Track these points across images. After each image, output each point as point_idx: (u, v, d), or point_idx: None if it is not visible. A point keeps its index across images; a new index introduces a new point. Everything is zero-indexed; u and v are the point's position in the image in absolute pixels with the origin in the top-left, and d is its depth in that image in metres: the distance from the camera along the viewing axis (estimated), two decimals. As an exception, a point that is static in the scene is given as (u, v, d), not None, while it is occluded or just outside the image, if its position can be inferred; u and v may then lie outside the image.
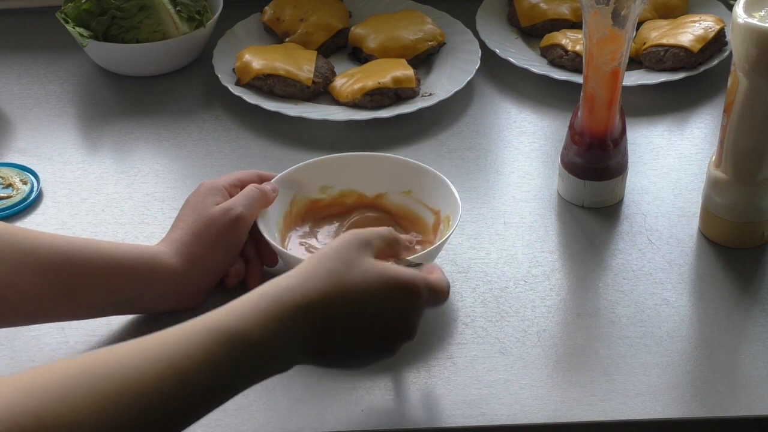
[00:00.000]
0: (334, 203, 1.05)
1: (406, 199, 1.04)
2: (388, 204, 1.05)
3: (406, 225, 1.04)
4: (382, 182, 1.05)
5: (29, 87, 1.30)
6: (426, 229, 1.03)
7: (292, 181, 1.03)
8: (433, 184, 1.03)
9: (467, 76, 1.27)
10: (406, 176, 1.04)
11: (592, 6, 0.99)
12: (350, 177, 1.05)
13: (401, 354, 0.84)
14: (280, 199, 1.01)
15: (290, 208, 1.03)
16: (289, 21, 1.34)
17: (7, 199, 1.11)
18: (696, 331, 0.97)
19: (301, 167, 1.04)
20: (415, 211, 1.04)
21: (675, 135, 1.21)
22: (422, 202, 1.04)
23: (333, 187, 1.05)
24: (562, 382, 0.92)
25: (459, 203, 1.00)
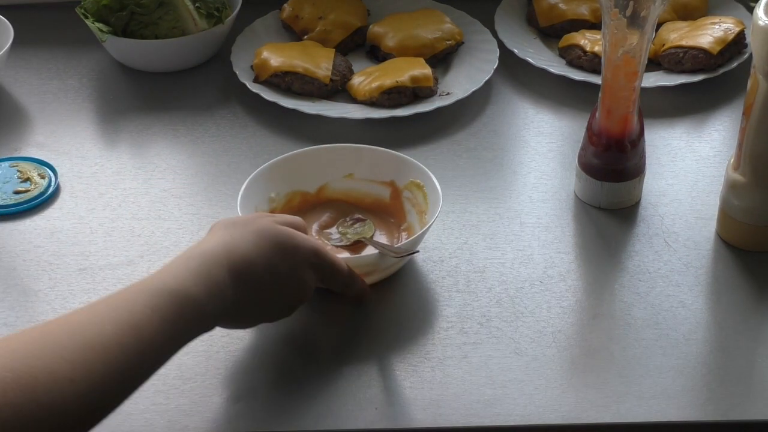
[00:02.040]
0: (284, 209, 1.05)
1: (350, 182, 1.06)
2: (333, 193, 1.06)
3: (364, 208, 1.06)
4: (320, 174, 1.06)
5: (48, 82, 1.30)
6: (384, 203, 1.05)
7: (246, 203, 1.01)
8: (373, 158, 1.05)
9: (485, 75, 1.27)
10: (342, 161, 1.06)
11: (611, 7, 0.99)
12: (289, 179, 1.05)
13: (411, 352, 0.84)
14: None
15: None
16: (308, 19, 1.34)
17: (24, 194, 1.12)
18: (712, 335, 0.96)
19: (250, 182, 1.02)
20: (366, 190, 1.06)
21: (693, 137, 1.21)
22: (369, 180, 1.06)
23: (278, 193, 1.05)
24: (577, 383, 0.91)
25: (416, 164, 1.03)
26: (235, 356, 0.94)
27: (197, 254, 0.83)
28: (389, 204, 1.06)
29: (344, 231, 1.03)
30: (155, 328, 0.76)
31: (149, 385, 0.91)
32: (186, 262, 0.82)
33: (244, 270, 0.84)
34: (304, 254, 0.89)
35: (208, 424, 0.88)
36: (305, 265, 0.89)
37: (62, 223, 1.09)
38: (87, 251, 1.05)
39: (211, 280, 0.81)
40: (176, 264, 0.82)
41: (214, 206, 1.11)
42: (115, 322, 0.74)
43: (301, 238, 0.89)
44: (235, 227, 0.88)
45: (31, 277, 1.02)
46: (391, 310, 0.99)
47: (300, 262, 0.89)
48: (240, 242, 0.85)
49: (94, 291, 1.01)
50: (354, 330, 0.97)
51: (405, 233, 1.04)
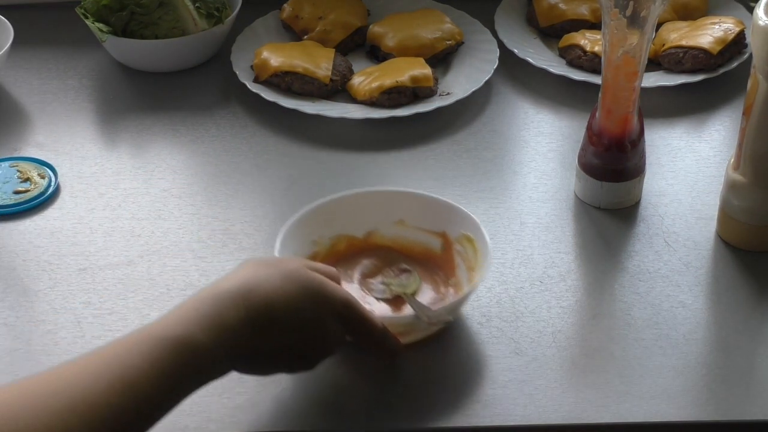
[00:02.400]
0: (329, 255, 0.99)
1: (400, 229, 1.01)
2: (381, 239, 1.01)
3: (413, 257, 1.00)
4: (369, 218, 1.00)
5: (48, 82, 1.30)
6: (434, 254, 1.00)
7: (287, 245, 0.95)
8: (426, 206, 1.00)
9: (485, 75, 1.27)
10: (394, 206, 1.00)
11: (611, 7, 0.99)
12: (336, 222, 1.00)
13: (415, 353, 0.84)
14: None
15: None
16: (308, 19, 1.34)
17: (24, 194, 1.12)
18: (712, 334, 0.96)
19: (294, 224, 0.97)
20: (416, 239, 1.00)
21: (693, 137, 1.21)
22: (420, 228, 1.00)
23: (323, 236, 0.99)
24: (577, 383, 0.91)
25: (470, 216, 0.97)
26: (235, 356, 0.94)
27: (211, 295, 0.78)
28: (439, 256, 0.99)
29: (389, 282, 0.97)
30: (152, 382, 0.72)
31: (149, 385, 0.91)
32: (197, 305, 0.77)
33: (263, 313, 0.79)
34: (333, 304, 0.83)
35: (208, 424, 0.88)
36: (334, 316, 0.83)
37: (62, 223, 1.09)
38: (87, 251, 1.05)
39: (222, 324, 0.76)
40: (186, 307, 0.78)
41: (214, 206, 1.11)
42: (106, 379, 0.70)
43: (332, 287, 0.84)
44: (262, 266, 0.82)
45: (31, 277, 1.02)
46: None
47: (328, 313, 0.83)
48: (263, 282, 0.80)
49: (94, 291, 1.01)
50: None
51: (452, 289, 0.97)
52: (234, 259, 1.04)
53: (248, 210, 1.10)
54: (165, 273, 1.03)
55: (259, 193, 1.13)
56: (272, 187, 1.14)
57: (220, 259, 1.04)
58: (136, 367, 0.72)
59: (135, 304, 0.99)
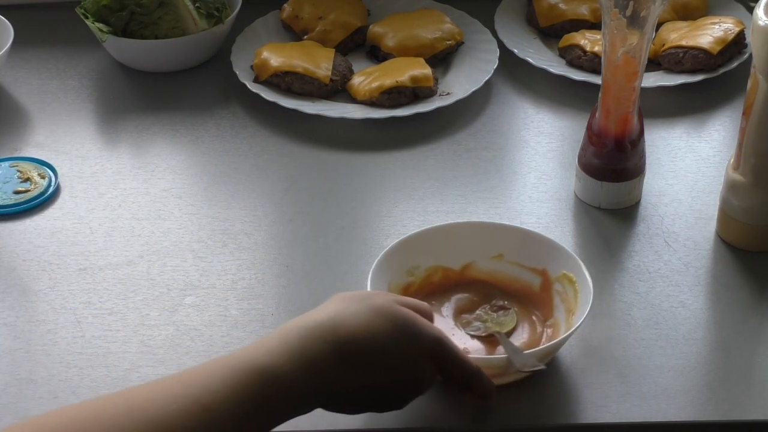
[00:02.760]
0: (423, 285, 0.96)
1: (498, 263, 0.98)
2: (479, 273, 0.98)
3: (510, 293, 0.97)
4: (467, 250, 0.97)
5: (48, 81, 1.30)
6: (532, 292, 0.97)
7: (381, 275, 0.93)
8: (527, 241, 0.97)
9: (485, 75, 1.27)
10: (493, 240, 0.97)
11: (611, 7, 0.99)
12: (432, 252, 0.97)
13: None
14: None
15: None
16: (308, 19, 1.34)
17: (24, 193, 1.12)
18: (712, 334, 0.96)
19: (389, 253, 0.94)
20: (514, 275, 0.97)
21: (693, 137, 1.21)
22: (519, 264, 0.97)
23: (419, 266, 0.96)
24: (577, 383, 0.91)
25: (571, 255, 0.93)
26: (235, 356, 0.94)
27: (298, 327, 0.76)
28: (538, 294, 0.96)
29: (485, 318, 0.95)
30: (231, 410, 0.70)
31: (149, 385, 0.91)
32: (284, 336, 0.75)
33: (351, 349, 0.76)
34: (424, 342, 0.80)
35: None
36: (425, 354, 0.80)
37: (62, 223, 1.09)
38: (87, 251, 1.05)
39: (309, 357, 0.74)
40: (273, 337, 0.76)
41: (214, 206, 1.11)
42: (183, 402, 0.68)
43: (423, 323, 0.80)
44: (351, 301, 0.80)
45: (31, 277, 1.02)
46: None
47: (419, 351, 0.79)
48: (352, 317, 0.77)
49: (94, 291, 1.01)
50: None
51: (550, 330, 0.94)
52: (234, 259, 1.04)
53: (248, 210, 1.10)
54: (165, 273, 1.03)
55: (259, 193, 1.13)
56: (272, 187, 1.14)
57: (220, 259, 1.04)
58: (215, 392, 0.70)
59: (135, 304, 0.99)
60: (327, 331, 0.76)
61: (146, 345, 0.95)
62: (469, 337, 0.93)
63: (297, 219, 1.09)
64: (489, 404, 0.87)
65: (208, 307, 0.99)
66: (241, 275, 1.02)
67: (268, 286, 1.01)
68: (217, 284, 1.01)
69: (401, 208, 1.11)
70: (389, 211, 1.10)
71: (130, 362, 0.94)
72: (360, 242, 1.07)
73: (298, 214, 1.10)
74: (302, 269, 1.03)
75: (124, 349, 0.95)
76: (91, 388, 0.91)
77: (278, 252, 1.06)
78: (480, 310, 0.96)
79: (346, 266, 1.04)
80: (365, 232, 1.08)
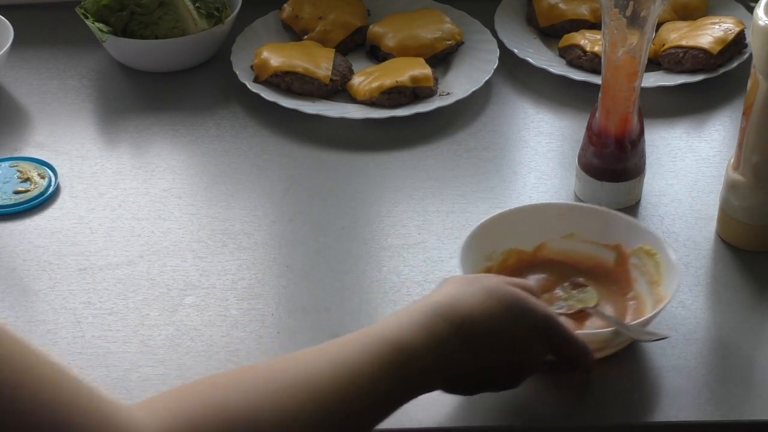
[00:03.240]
0: (501, 268, 0.98)
1: (570, 243, 0.99)
2: (551, 253, 0.99)
3: (584, 271, 0.98)
4: (539, 232, 0.99)
5: (48, 81, 1.30)
6: (607, 268, 0.98)
7: (465, 261, 0.94)
8: (598, 219, 0.98)
9: (485, 75, 1.27)
10: (564, 220, 0.99)
11: (611, 7, 0.99)
12: (506, 237, 0.98)
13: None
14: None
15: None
16: (308, 19, 1.34)
17: (24, 194, 1.12)
18: (712, 334, 0.96)
19: (469, 241, 0.95)
20: (587, 253, 0.99)
21: (693, 137, 1.21)
22: (592, 241, 0.99)
23: (495, 251, 0.98)
24: (577, 384, 0.91)
25: (648, 229, 0.96)
26: (235, 356, 0.94)
27: (421, 307, 0.78)
28: (613, 270, 0.98)
29: (565, 296, 0.96)
30: (375, 381, 0.73)
31: (149, 384, 0.91)
32: (409, 314, 0.77)
33: (469, 328, 0.78)
34: (537, 321, 0.81)
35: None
36: (537, 332, 0.82)
37: (62, 223, 1.09)
38: (87, 251, 1.05)
39: (434, 334, 0.76)
40: (398, 315, 0.78)
41: (214, 206, 1.11)
42: (337, 368, 0.72)
43: (534, 302, 0.82)
44: (465, 283, 0.82)
45: (31, 277, 1.02)
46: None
47: (532, 329, 0.81)
48: (470, 298, 0.79)
49: (94, 291, 1.01)
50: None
51: (633, 302, 0.95)
52: (234, 259, 1.04)
53: (248, 210, 1.10)
54: (165, 273, 1.03)
55: (259, 193, 1.13)
56: (272, 187, 1.14)
57: (220, 259, 1.04)
58: (363, 362, 0.73)
59: (135, 304, 0.99)
60: (449, 311, 0.78)
61: (146, 345, 0.95)
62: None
63: (297, 219, 1.09)
64: (588, 378, 0.90)
65: (208, 307, 0.99)
66: (241, 275, 1.02)
67: (268, 286, 1.01)
68: (217, 284, 1.01)
69: (401, 208, 1.11)
70: (389, 211, 1.10)
71: (130, 362, 0.94)
72: (360, 242, 1.07)
73: (298, 214, 1.10)
74: (302, 269, 1.03)
75: (124, 349, 0.95)
76: (91, 388, 0.91)
77: (278, 252, 1.06)
78: (558, 290, 0.97)
79: (346, 266, 1.04)
80: (365, 232, 1.08)
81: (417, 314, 0.77)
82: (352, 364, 0.73)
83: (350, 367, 0.73)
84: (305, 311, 0.99)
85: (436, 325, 0.77)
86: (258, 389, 0.70)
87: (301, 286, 1.01)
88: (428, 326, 0.77)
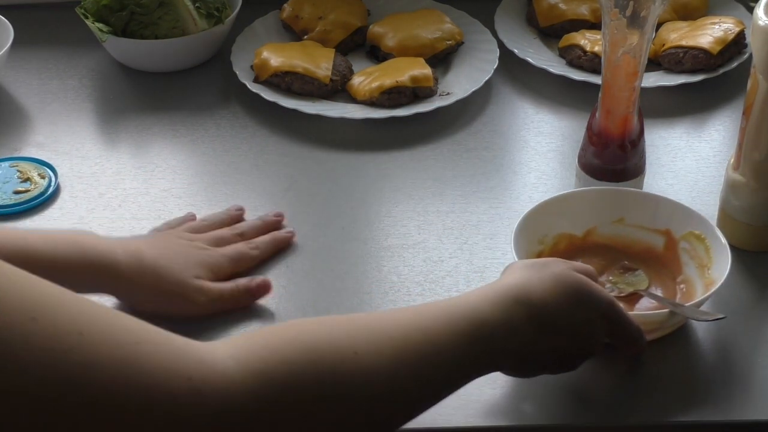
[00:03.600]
0: (552, 252, 1.00)
1: (619, 227, 1.01)
2: (600, 238, 1.01)
3: (633, 255, 1.00)
4: (588, 217, 1.01)
5: (48, 82, 1.30)
6: (656, 253, 1.00)
7: (520, 243, 0.96)
8: (647, 203, 1.00)
9: (485, 75, 1.27)
10: (613, 205, 1.01)
11: (611, 7, 0.99)
12: (557, 221, 1.00)
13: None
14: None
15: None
16: (308, 19, 1.34)
17: (24, 194, 1.12)
18: (711, 335, 0.96)
19: (521, 225, 0.97)
20: (636, 237, 1.01)
21: (693, 137, 1.21)
22: (641, 226, 1.01)
23: (546, 235, 1.00)
24: (577, 383, 0.91)
25: (697, 214, 0.97)
26: (235, 356, 0.94)
27: (494, 289, 0.81)
28: (662, 254, 1.00)
29: (615, 280, 0.98)
30: (456, 346, 0.76)
31: (149, 385, 0.91)
32: (485, 294, 0.80)
33: (538, 312, 0.80)
34: (600, 305, 0.84)
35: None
36: (598, 316, 0.84)
37: (62, 223, 1.09)
38: (87, 251, 1.05)
39: (510, 315, 0.79)
40: (471, 292, 0.81)
41: (214, 206, 1.11)
42: (414, 323, 0.75)
43: (597, 288, 0.85)
44: (532, 269, 0.84)
45: (31, 277, 1.02)
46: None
47: (595, 314, 0.84)
48: (537, 284, 0.81)
49: (94, 291, 1.01)
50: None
51: (683, 286, 0.98)
52: (234, 259, 1.04)
53: (248, 210, 1.10)
54: (165, 273, 1.03)
55: (259, 193, 1.13)
56: (272, 187, 1.14)
57: (220, 259, 1.04)
58: (440, 331, 0.75)
59: (135, 304, 0.99)
60: (522, 296, 0.80)
61: (146, 345, 0.95)
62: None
63: (297, 219, 1.09)
64: (638, 359, 0.92)
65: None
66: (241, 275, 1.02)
67: (268, 286, 1.01)
68: (217, 284, 1.01)
69: (401, 208, 1.11)
70: (389, 211, 1.10)
71: (130, 362, 0.93)
72: (360, 242, 1.07)
73: (298, 214, 1.10)
74: (302, 269, 1.03)
75: (124, 349, 0.95)
76: (91, 388, 0.91)
77: (278, 252, 1.05)
78: (608, 274, 0.99)
79: (346, 266, 1.04)
80: (365, 232, 1.08)
81: (492, 295, 0.80)
82: (434, 332, 0.75)
83: (430, 334, 0.74)
84: (305, 311, 0.98)
85: (511, 308, 0.79)
86: (350, 334, 0.71)
87: (301, 286, 1.01)
88: (505, 308, 0.79)
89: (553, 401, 0.90)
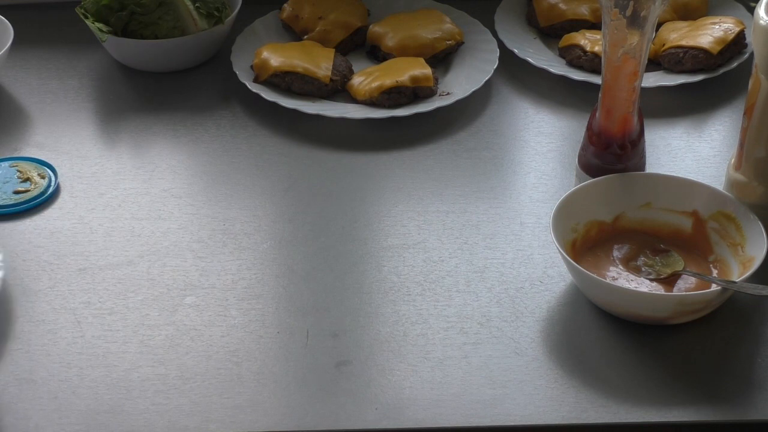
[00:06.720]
0: (585, 239, 1.02)
1: (647, 212, 1.03)
2: (629, 223, 1.03)
3: (662, 238, 1.03)
4: (616, 203, 1.03)
5: (48, 82, 1.30)
6: (685, 234, 1.02)
7: (557, 230, 0.98)
8: (673, 186, 1.03)
9: (485, 75, 1.27)
10: (640, 190, 1.03)
11: (611, 7, 0.99)
12: (587, 208, 1.02)
13: (411, 352, 0.83)
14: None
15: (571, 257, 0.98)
16: (308, 19, 1.34)
17: (24, 194, 1.12)
18: (712, 334, 0.96)
19: (556, 214, 0.99)
20: (664, 220, 1.03)
21: (693, 137, 1.21)
22: (668, 209, 1.03)
23: (578, 222, 1.02)
24: (577, 383, 0.91)
25: (724, 194, 1.00)
26: (235, 356, 0.94)
27: None
28: (691, 235, 1.02)
29: (650, 263, 1.00)
30: None
31: (149, 384, 0.91)
32: None
33: None
34: None
35: (208, 424, 0.88)
36: None
37: (62, 223, 1.09)
38: (87, 251, 1.05)
39: None
40: None
41: (214, 206, 1.11)
42: None
43: None
44: None
45: (31, 277, 1.02)
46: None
47: None
48: None
49: (93, 291, 1.01)
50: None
51: (717, 264, 1.00)
52: (234, 259, 1.04)
53: (248, 210, 1.10)
54: (165, 273, 1.03)
55: (259, 193, 1.13)
56: (272, 187, 1.14)
57: (220, 259, 1.04)
58: None
59: (135, 304, 0.99)
60: None
61: (146, 345, 0.95)
62: (649, 281, 0.98)
63: (297, 219, 1.09)
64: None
65: (208, 307, 0.99)
66: (241, 275, 1.02)
67: (268, 286, 1.01)
68: (217, 284, 1.01)
69: (401, 208, 1.11)
70: (389, 211, 1.10)
71: (130, 362, 0.94)
72: (360, 242, 1.07)
73: (298, 214, 1.10)
74: (302, 269, 1.03)
75: (124, 349, 0.95)
76: (90, 388, 0.91)
77: (278, 252, 1.06)
78: (642, 257, 1.01)
79: (346, 266, 1.04)
80: (365, 232, 1.08)
81: None
82: None
83: None
84: (305, 311, 0.99)
85: None
86: None
87: (301, 286, 1.01)
88: None
89: (553, 401, 0.90)
